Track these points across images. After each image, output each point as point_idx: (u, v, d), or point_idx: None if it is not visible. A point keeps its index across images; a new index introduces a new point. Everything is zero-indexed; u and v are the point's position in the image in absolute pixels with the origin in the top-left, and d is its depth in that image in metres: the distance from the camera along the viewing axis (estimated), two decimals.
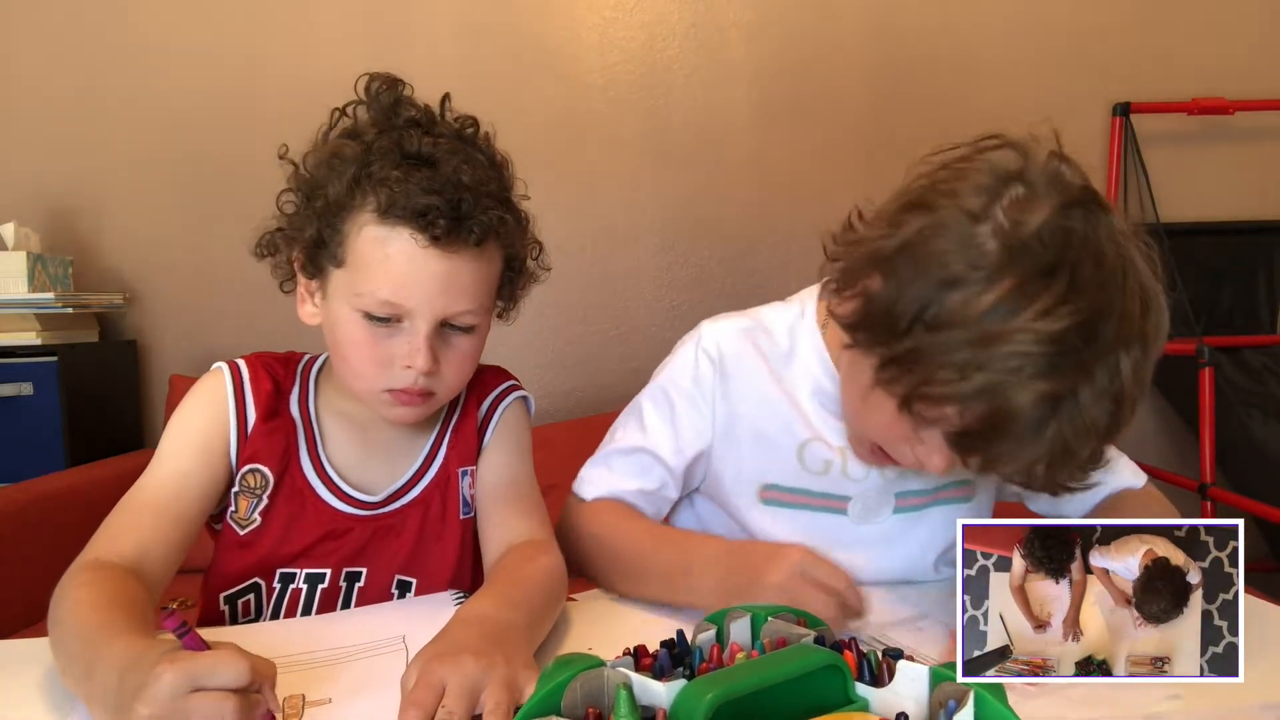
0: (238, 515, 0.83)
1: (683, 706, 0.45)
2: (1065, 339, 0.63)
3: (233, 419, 0.83)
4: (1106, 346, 0.65)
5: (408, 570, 0.86)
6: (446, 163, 0.76)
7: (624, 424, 0.96)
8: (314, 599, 0.84)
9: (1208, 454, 1.99)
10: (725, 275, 2.26)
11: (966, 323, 0.65)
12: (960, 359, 0.65)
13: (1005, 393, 0.65)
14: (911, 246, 0.70)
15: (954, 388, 0.66)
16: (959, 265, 0.66)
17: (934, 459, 0.75)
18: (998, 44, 2.30)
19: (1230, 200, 2.33)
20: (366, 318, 0.76)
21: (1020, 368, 0.64)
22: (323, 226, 0.77)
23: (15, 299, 1.79)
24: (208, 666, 0.52)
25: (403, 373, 0.77)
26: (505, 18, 2.17)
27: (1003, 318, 0.64)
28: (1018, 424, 0.66)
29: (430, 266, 0.75)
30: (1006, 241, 0.66)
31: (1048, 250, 0.65)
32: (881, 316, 0.71)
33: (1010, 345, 0.64)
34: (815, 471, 0.90)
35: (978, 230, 0.67)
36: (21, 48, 2.07)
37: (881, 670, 0.52)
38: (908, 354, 0.68)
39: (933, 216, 0.69)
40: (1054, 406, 0.65)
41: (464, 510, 0.88)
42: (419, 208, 0.73)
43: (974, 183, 0.69)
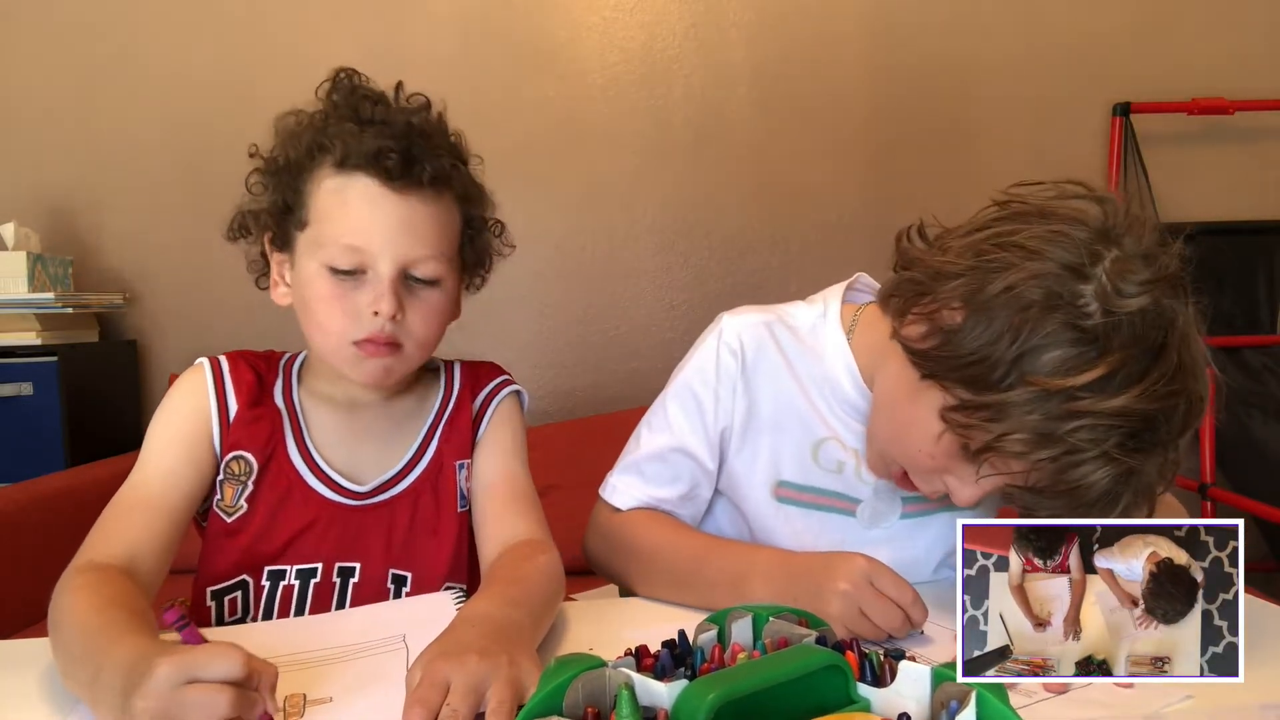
0: (224, 503, 0.83)
1: (684, 707, 0.45)
2: (1153, 418, 0.67)
3: (214, 409, 0.84)
4: (1179, 430, 0.69)
5: (401, 564, 0.85)
6: (397, 116, 0.81)
7: (649, 425, 0.95)
8: (307, 595, 0.83)
9: (1208, 454, 1.99)
10: (725, 275, 2.26)
11: (1063, 391, 0.66)
12: (1047, 422, 0.66)
13: (1082, 464, 0.67)
14: (1013, 292, 0.69)
15: (1033, 450, 0.67)
16: (1061, 325, 0.67)
17: (965, 492, 0.76)
18: (998, 44, 2.30)
19: (1230, 200, 2.33)
20: (332, 272, 0.78)
21: (1104, 440, 0.66)
22: (286, 193, 0.81)
23: (15, 299, 1.79)
24: (203, 659, 0.53)
25: (369, 321, 0.78)
26: (505, 18, 2.17)
27: (1100, 389, 0.66)
28: (1087, 495, 0.68)
29: (387, 208, 0.78)
30: (1109, 306, 0.66)
31: (1150, 331, 0.67)
32: (971, 356, 0.70)
33: (1101, 419, 0.66)
34: (829, 470, 0.90)
35: (1082, 290, 0.67)
36: (22, 48, 2.08)
37: (883, 670, 0.52)
38: (994, 405, 0.69)
39: (1037, 264, 0.69)
40: (1126, 481, 0.68)
41: (460, 504, 0.88)
42: (372, 151, 0.77)
43: (1073, 237, 0.69)
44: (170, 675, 0.51)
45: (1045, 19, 2.30)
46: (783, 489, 0.90)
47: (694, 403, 0.92)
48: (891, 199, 2.22)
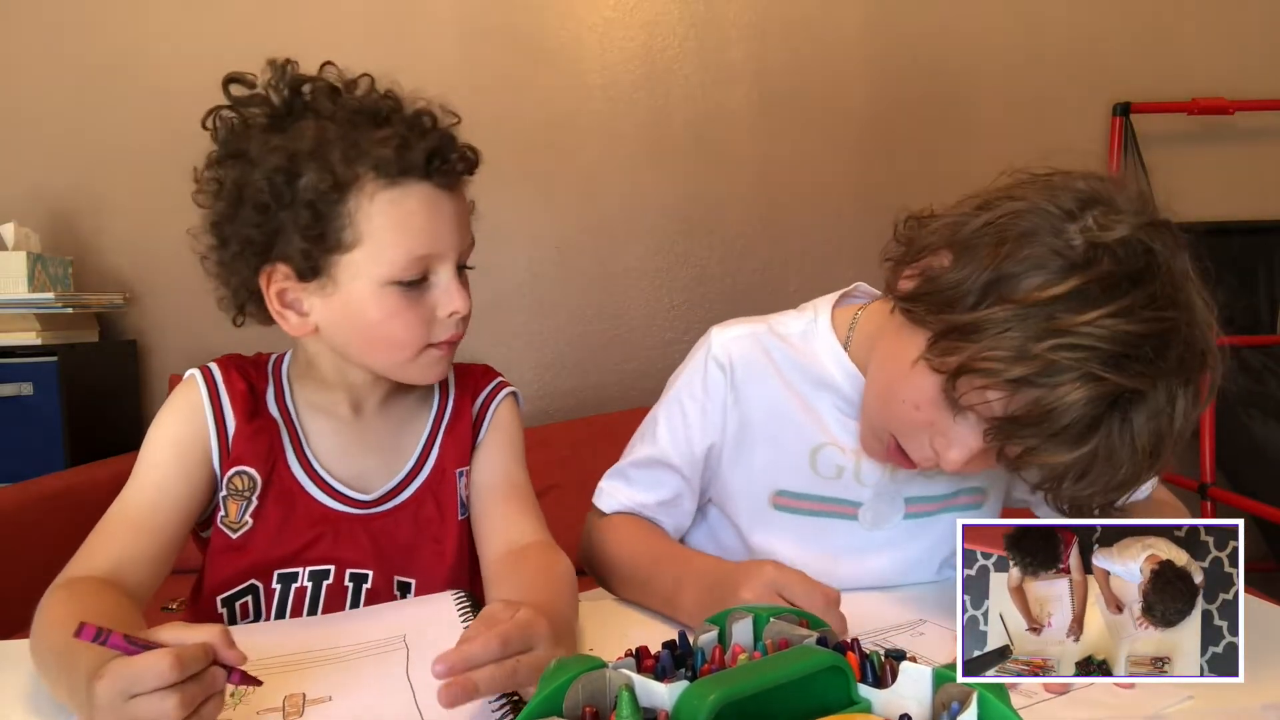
0: (228, 520, 0.82)
1: (685, 708, 0.45)
2: (1137, 345, 0.64)
3: (211, 424, 0.82)
4: (1170, 368, 0.65)
5: (405, 571, 0.85)
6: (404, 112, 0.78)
7: (641, 435, 0.97)
8: (320, 596, 0.83)
9: (1208, 454, 1.99)
10: (725, 275, 2.26)
11: (1039, 304, 0.65)
12: (1023, 338, 0.65)
13: (1061, 383, 0.64)
14: (994, 226, 0.70)
15: (1010, 367, 0.65)
16: (1041, 250, 0.67)
17: (952, 452, 0.74)
18: (998, 44, 2.30)
19: (1230, 200, 2.32)
20: (397, 285, 0.76)
21: (1084, 360, 0.64)
22: (310, 221, 0.74)
23: (15, 299, 1.78)
24: (134, 673, 0.51)
25: (445, 324, 0.79)
26: (505, 18, 2.17)
27: (1077, 307, 0.64)
28: (1064, 419, 0.65)
29: (445, 209, 0.77)
30: (1092, 240, 0.66)
31: (1132, 259, 0.66)
32: (949, 287, 0.71)
33: (1079, 337, 0.64)
34: (828, 477, 0.89)
35: (1066, 226, 0.68)
36: (22, 48, 2.07)
37: (884, 671, 0.52)
38: (969, 325, 0.68)
39: (1022, 204, 0.70)
40: (1106, 411, 0.65)
41: (461, 511, 0.88)
42: (421, 157, 0.75)
43: (1070, 189, 0.70)
44: (109, 695, 0.51)
45: (1045, 19, 2.30)
46: (781, 498, 0.90)
47: (680, 417, 0.93)
48: (891, 199, 2.19)
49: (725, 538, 0.95)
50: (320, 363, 0.85)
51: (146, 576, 0.75)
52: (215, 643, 0.54)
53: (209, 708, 0.53)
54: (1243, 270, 2.32)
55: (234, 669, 0.55)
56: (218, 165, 0.79)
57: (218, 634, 0.55)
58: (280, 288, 0.79)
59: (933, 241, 0.75)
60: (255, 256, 0.78)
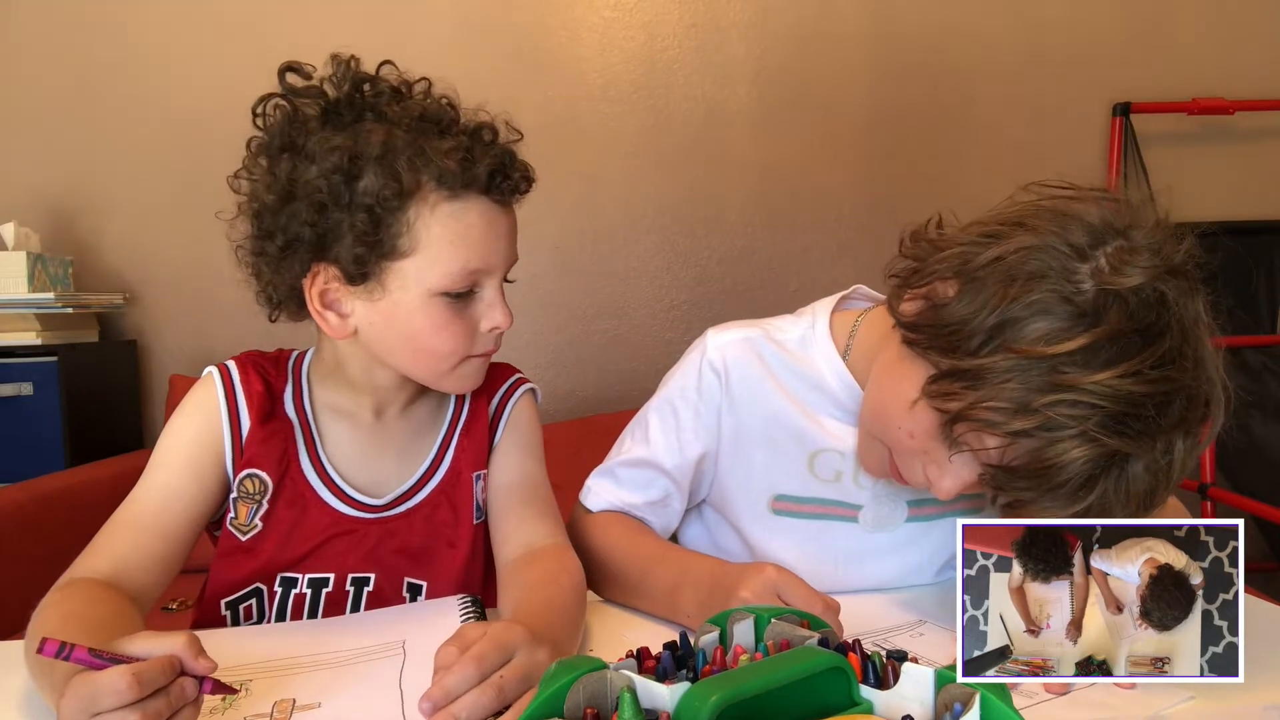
0: (237, 521, 0.81)
1: (687, 709, 0.45)
2: (1141, 404, 0.62)
3: (226, 426, 0.81)
4: (1172, 424, 0.64)
5: (417, 574, 0.85)
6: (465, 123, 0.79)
7: (631, 434, 0.96)
8: (319, 603, 0.83)
9: (1208, 454, 1.99)
10: (725, 275, 2.26)
11: (1044, 357, 0.63)
12: (1025, 390, 0.63)
13: (1060, 441, 0.63)
14: (1004, 263, 0.67)
15: (1010, 420, 0.64)
16: (1051, 296, 0.64)
17: (945, 482, 0.73)
18: (998, 44, 2.30)
19: (1230, 200, 2.33)
20: (445, 296, 0.76)
21: (1085, 418, 0.62)
22: (368, 225, 0.73)
23: (15, 299, 1.78)
24: (94, 693, 0.51)
25: (485, 336, 0.80)
26: (505, 18, 2.17)
27: (1083, 363, 0.63)
28: (1061, 476, 0.65)
29: (500, 224, 0.79)
30: (1103, 287, 0.64)
31: (1144, 311, 0.63)
32: (954, 324, 0.68)
33: (1083, 394, 0.62)
34: (826, 480, 0.89)
35: (1078, 267, 0.65)
36: (22, 48, 2.07)
37: (886, 673, 0.52)
38: (972, 371, 0.66)
39: (1033, 238, 0.67)
40: (1104, 469, 0.64)
41: (477, 515, 0.87)
42: (485, 172, 0.75)
43: (1082, 221, 0.67)
44: (70, 712, 0.51)
45: (1045, 19, 2.30)
46: (780, 502, 0.90)
47: (673, 420, 0.92)
48: (891, 199, 2.22)
49: (724, 540, 0.95)
50: (350, 365, 0.83)
51: (152, 578, 0.75)
52: (182, 654, 0.53)
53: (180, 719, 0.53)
54: (1243, 270, 2.32)
55: (205, 679, 0.54)
56: (268, 154, 0.77)
57: (184, 644, 0.54)
58: (324, 288, 0.77)
59: (939, 270, 0.72)
60: (305, 255, 0.76)
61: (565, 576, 0.77)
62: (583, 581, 0.79)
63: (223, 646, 0.72)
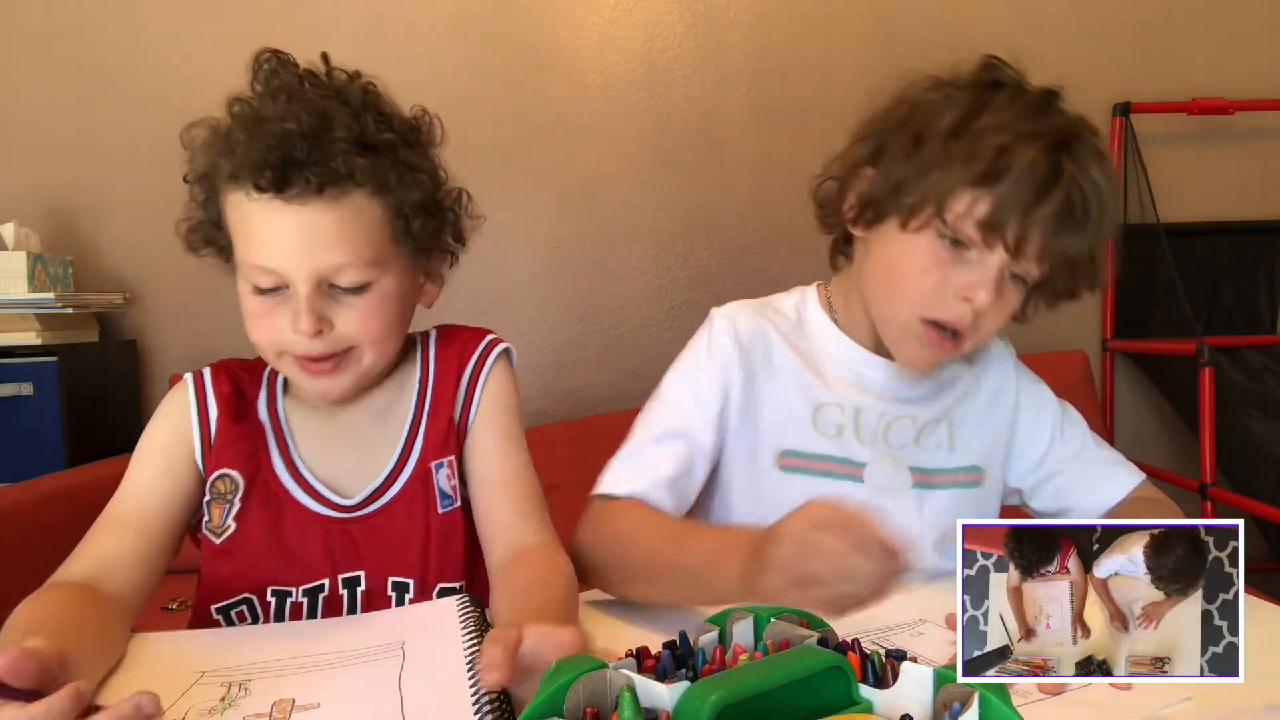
0: (212, 525, 0.81)
1: (686, 708, 0.45)
2: (1043, 104, 0.85)
3: (195, 427, 0.82)
4: (1072, 120, 0.85)
5: (400, 570, 0.83)
6: (276, 117, 0.74)
7: (646, 414, 0.97)
8: (316, 610, 0.82)
9: (1208, 454, 1.99)
10: (725, 275, 2.26)
11: (958, 123, 0.82)
12: (966, 145, 0.80)
13: (1013, 155, 0.79)
14: (890, 121, 0.89)
15: (968, 167, 0.79)
16: (934, 98, 0.86)
17: (980, 292, 0.82)
18: (997, 44, 2.27)
19: (1230, 200, 2.33)
20: (256, 291, 0.77)
21: (1016, 124, 0.81)
22: (208, 209, 0.80)
23: (15, 299, 1.79)
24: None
25: (294, 339, 0.77)
26: (505, 18, 2.17)
27: (986, 107, 0.83)
28: (1032, 177, 0.78)
29: (283, 222, 0.74)
30: (980, 79, 0.87)
31: (993, 71, 0.89)
32: (886, 178, 0.86)
33: (1002, 116, 0.81)
34: (829, 435, 0.92)
35: (940, 82, 0.89)
36: (22, 48, 2.07)
37: (885, 672, 0.52)
38: (917, 171, 0.82)
39: (896, 102, 0.90)
40: (1057, 156, 0.79)
41: (442, 503, 0.85)
42: (253, 163, 0.73)
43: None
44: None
45: (1045, 19, 2.30)
46: (786, 458, 0.92)
47: (690, 384, 0.95)
48: None
49: (735, 501, 0.95)
50: None
51: (135, 576, 0.75)
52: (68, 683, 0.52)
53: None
54: (1243, 270, 2.32)
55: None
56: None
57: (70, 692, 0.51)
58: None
59: (849, 175, 0.92)
60: (206, 244, 0.84)
61: (555, 577, 0.77)
62: (574, 581, 0.79)
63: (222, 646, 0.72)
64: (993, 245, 0.81)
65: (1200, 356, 1.95)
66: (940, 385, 0.97)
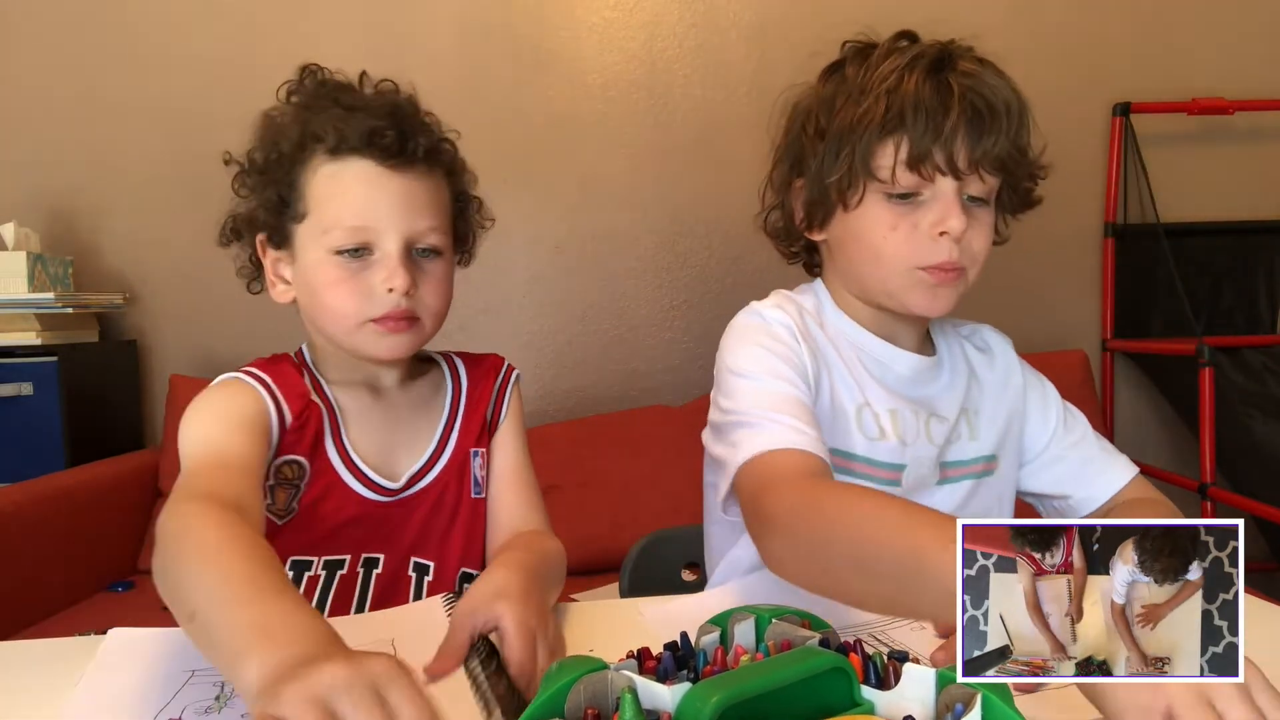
0: (275, 508, 0.81)
1: (688, 709, 0.45)
2: (907, 43, 0.96)
3: (272, 410, 0.81)
4: (948, 47, 0.94)
5: (424, 553, 0.87)
6: (378, 99, 0.83)
7: (734, 396, 0.84)
8: (331, 586, 0.83)
9: (1208, 454, 1.99)
10: (725, 275, 2.26)
11: (847, 94, 0.91)
12: (867, 104, 0.87)
13: (904, 89, 0.87)
14: (798, 131, 0.97)
15: (877, 114, 0.85)
16: (825, 88, 0.96)
17: (950, 221, 0.83)
18: (997, 44, 2.28)
19: (1230, 200, 2.33)
20: (339, 254, 0.79)
21: (894, 68, 0.90)
22: (280, 188, 0.81)
23: (15, 299, 1.79)
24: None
25: (384, 298, 0.80)
26: (505, 18, 2.17)
27: (865, 69, 0.92)
28: (928, 99, 0.85)
29: (388, 186, 0.80)
30: (846, 55, 0.97)
31: (880, 46, 0.97)
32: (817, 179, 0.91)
33: (879, 69, 0.90)
34: (872, 438, 0.89)
35: (831, 74, 0.97)
36: (22, 49, 2.08)
37: (887, 673, 0.52)
38: (835, 143, 0.88)
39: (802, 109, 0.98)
40: (941, 72, 0.89)
41: (475, 490, 0.90)
42: (365, 132, 0.78)
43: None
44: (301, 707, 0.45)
45: (1045, 19, 2.30)
46: (837, 458, 0.86)
47: (769, 355, 0.85)
48: None
49: None
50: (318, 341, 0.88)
51: (261, 520, 0.71)
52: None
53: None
54: (1243, 270, 2.32)
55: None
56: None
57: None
58: (274, 258, 0.85)
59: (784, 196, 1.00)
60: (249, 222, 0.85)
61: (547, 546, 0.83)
62: (562, 558, 0.84)
63: None
64: (931, 177, 0.84)
65: (1200, 356, 1.96)
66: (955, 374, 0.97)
